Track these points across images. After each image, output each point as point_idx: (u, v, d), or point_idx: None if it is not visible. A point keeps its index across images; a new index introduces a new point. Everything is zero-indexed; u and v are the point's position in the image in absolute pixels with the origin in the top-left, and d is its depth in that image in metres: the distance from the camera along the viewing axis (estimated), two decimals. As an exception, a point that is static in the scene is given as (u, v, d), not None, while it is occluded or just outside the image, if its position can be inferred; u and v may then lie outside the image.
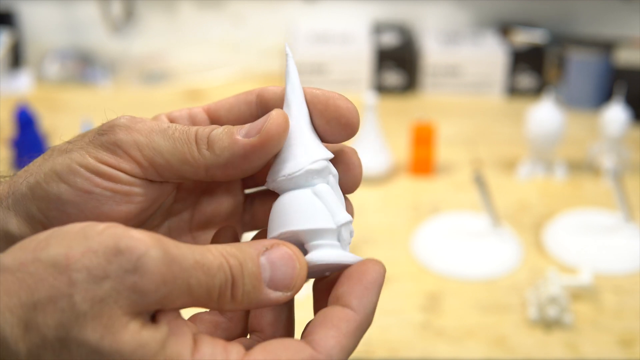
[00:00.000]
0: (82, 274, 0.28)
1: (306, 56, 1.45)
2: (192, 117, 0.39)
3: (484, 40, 1.48)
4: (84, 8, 1.52)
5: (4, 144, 1.20)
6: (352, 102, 0.35)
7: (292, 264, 0.32)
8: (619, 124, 1.15)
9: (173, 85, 1.49)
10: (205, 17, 1.54)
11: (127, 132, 0.35)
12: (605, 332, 0.87)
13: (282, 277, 0.32)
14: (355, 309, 0.33)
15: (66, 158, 0.35)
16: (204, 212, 0.40)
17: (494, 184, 1.08)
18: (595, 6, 1.50)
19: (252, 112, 0.38)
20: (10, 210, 0.35)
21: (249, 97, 0.38)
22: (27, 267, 0.29)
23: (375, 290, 0.33)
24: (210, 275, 0.30)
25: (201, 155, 0.35)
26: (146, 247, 0.29)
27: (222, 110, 0.38)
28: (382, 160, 1.15)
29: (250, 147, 0.34)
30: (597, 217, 1.06)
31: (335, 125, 0.35)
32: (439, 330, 0.88)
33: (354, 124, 0.35)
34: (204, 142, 0.35)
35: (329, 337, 0.31)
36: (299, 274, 0.32)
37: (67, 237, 0.29)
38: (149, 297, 0.29)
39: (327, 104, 0.35)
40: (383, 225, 1.06)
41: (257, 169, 0.36)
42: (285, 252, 0.32)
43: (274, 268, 0.32)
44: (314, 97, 0.36)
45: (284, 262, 0.32)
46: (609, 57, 1.38)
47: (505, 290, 0.94)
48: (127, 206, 0.35)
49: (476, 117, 1.40)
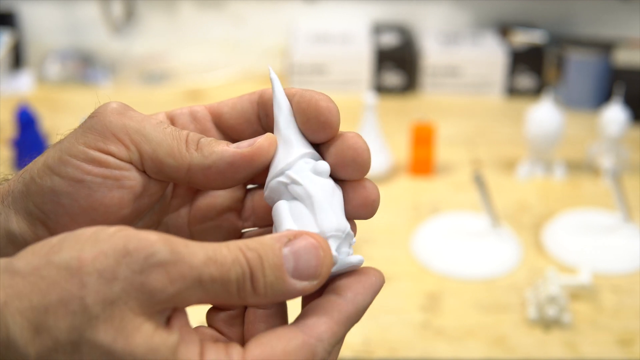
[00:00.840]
0: (93, 277, 0.29)
1: (306, 56, 1.45)
2: (193, 114, 0.39)
3: (484, 41, 1.49)
4: (85, 8, 1.53)
5: (4, 144, 1.20)
6: (334, 104, 0.36)
7: (316, 252, 0.32)
8: (618, 124, 1.15)
9: (173, 86, 1.49)
10: (206, 17, 1.55)
11: (118, 116, 0.35)
12: (604, 331, 0.88)
13: (306, 266, 0.31)
14: (348, 300, 0.33)
15: (57, 149, 0.35)
16: (201, 207, 0.40)
17: (494, 184, 1.09)
18: (594, 7, 1.50)
19: (254, 110, 0.38)
20: (11, 209, 0.35)
21: (252, 97, 0.38)
22: (40, 270, 0.29)
23: (371, 292, 0.34)
24: (225, 270, 0.30)
25: (188, 152, 0.35)
26: (153, 247, 0.29)
27: (226, 107, 0.38)
28: (382, 160, 1.16)
29: (239, 156, 0.35)
30: (596, 217, 1.06)
31: (315, 123, 0.36)
32: (439, 330, 0.88)
33: (332, 123, 0.35)
34: (193, 143, 0.35)
35: (321, 322, 0.32)
36: (323, 262, 0.32)
37: (79, 241, 0.30)
38: (157, 296, 0.29)
39: (309, 103, 0.36)
40: (383, 225, 1.06)
41: (237, 183, 0.36)
42: (310, 241, 0.32)
43: (298, 258, 0.31)
44: (301, 97, 0.36)
45: (308, 250, 0.32)
46: (608, 58, 1.38)
47: (505, 290, 0.94)
48: (119, 192, 0.35)
49: (476, 117, 1.40)
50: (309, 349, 0.31)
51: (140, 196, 0.36)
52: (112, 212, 0.35)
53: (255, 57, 1.54)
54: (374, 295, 0.34)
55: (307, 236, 0.32)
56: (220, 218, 0.40)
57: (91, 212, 0.35)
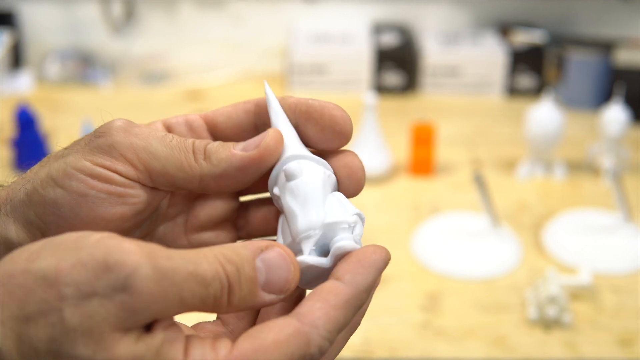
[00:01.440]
0: (70, 289, 0.28)
1: (306, 56, 1.45)
2: (189, 123, 0.39)
3: (484, 41, 1.49)
4: (85, 8, 1.53)
5: (4, 144, 1.20)
6: (346, 112, 0.37)
7: (287, 267, 0.32)
8: (618, 124, 1.15)
9: (173, 86, 1.49)
10: (206, 17, 1.55)
11: (124, 134, 0.35)
12: (605, 331, 0.88)
13: (277, 280, 0.32)
14: (346, 283, 0.32)
15: (62, 162, 0.35)
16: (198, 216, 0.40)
17: (494, 184, 1.09)
18: (594, 6, 1.50)
19: (250, 120, 0.38)
20: (9, 217, 0.35)
21: (247, 106, 0.39)
22: (16, 278, 0.28)
23: (372, 270, 0.33)
24: (205, 285, 0.30)
25: (198, 164, 0.35)
26: (136, 264, 0.28)
27: (221, 117, 0.39)
28: (382, 161, 1.16)
29: (248, 160, 0.35)
30: (597, 217, 1.06)
31: (330, 133, 0.37)
32: (439, 330, 0.88)
33: (347, 132, 0.37)
34: (201, 153, 0.35)
35: (315, 309, 0.31)
36: (293, 278, 0.32)
37: (59, 249, 0.29)
38: (139, 315, 0.28)
39: (322, 112, 0.36)
40: (383, 225, 1.06)
41: (248, 184, 0.36)
42: (280, 253, 0.32)
43: (270, 272, 0.31)
44: (309, 107, 0.37)
45: (279, 264, 0.32)
46: (609, 58, 1.38)
47: (505, 290, 0.94)
48: (121, 208, 0.35)
49: (476, 117, 1.40)
50: (302, 337, 0.30)
51: (143, 211, 0.36)
52: (113, 227, 0.35)
53: (255, 57, 1.54)
54: (376, 274, 0.33)
55: (277, 247, 0.32)
56: (218, 227, 0.40)
57: (92, 225, 0.34)
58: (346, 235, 0.35)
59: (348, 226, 0.35)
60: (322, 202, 0.35)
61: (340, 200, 0.36)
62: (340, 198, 0.36)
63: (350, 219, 0.35)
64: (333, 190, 0.37)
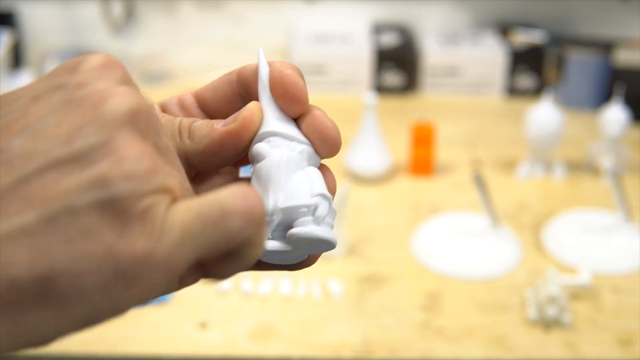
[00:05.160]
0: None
1: (306, 56, 1.45)
2: (180, 102, 0.40)
3: (484, 41, 1.49)
4: (85, 8, 1.53)
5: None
6: (302, 78, 0.36)
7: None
8: (618, 124, 1.15)
9: (173, 86, 1.49)
10: (206, 17, 1.55)
11: None
12: (604, 331, 0.88)
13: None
14: (220, 202, 0.30)
15: None
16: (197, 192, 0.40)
17: (494, 184, 1.09)
18: (594, 7, 1.50)
19: (233, 91, 0.39)
20: None
21: (230, 77, 0.39)
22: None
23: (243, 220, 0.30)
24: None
25: (182, 141, 0.36)
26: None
27: (207, 92, 0.40)
28: (381, 161, 1.16)
29: (226, 134, 0.36)
30: (597, 217, 1.06)
31: (287, 99, 0.36)
32: (439, 329, 0.88)
33: (300, 98, 0.36)
34: (185, 131, 0.36)
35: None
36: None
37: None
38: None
39: (277, 77, 0.37)
40: (383, 225, 1.06)
41: (233, 160, 0.36)
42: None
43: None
44: (271, 70, 0.38)
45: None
46: (608, 58, 1.38)
47: (505, 290, 0.94)
48: None
49: (476, 118, 1.40)
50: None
51: None
52: None
53: (255, 57, 1.53)
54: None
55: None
56: None
57: None
58: (305, 219, 0.34)
59: (307, 209, 0.34)
60: (282, 184, 0.34)
61: (310, 179, 0.35)
62: (311, 175, 0.35)
63: (310, 202, 0.34)
64: (310, 164, 0.36)
